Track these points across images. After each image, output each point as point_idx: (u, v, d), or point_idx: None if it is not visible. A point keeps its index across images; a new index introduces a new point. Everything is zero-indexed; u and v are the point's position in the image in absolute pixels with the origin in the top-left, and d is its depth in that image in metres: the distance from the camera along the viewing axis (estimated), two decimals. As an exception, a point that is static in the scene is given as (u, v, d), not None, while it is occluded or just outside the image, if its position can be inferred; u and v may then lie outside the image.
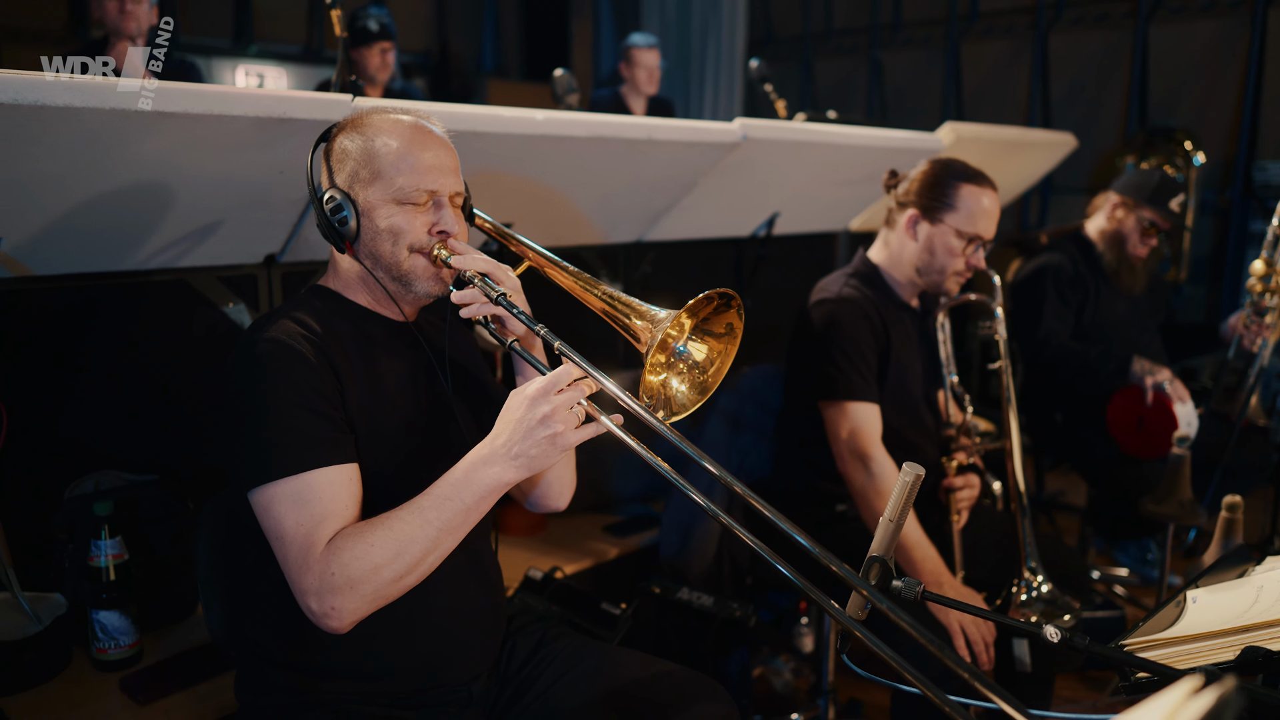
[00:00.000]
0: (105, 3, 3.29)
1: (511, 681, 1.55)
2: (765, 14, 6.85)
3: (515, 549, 2.43)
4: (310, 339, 1.35)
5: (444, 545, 1.29)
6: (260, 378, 1.31)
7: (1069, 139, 3.91)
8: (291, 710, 1.39)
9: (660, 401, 1.38)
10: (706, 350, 1.41)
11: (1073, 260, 3.12)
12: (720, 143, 2.50)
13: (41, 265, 1.84)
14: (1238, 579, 1.68)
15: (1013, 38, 5.66)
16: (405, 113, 1.45)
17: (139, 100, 1.50)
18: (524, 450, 1.25)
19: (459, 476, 1.28)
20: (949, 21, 5.84)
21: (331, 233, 1.40)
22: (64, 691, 1.77)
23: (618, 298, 1.39)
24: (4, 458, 1.81)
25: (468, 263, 1.38)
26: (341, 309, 1.46)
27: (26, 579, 1.84)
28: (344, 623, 1.25)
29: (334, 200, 1.38)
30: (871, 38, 6.24)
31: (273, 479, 1.27)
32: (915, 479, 1.23)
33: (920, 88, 6.11)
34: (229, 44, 6.28)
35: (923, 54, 6.07)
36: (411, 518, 1.27)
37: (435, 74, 7.28)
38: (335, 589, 1.23)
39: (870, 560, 1.28)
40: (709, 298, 1.33)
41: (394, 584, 1.26)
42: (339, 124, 1.45)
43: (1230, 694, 0.66)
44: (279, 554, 1.28)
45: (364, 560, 1.24)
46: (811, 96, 6.60)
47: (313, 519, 1.27)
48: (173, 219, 1.88)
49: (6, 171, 1.56)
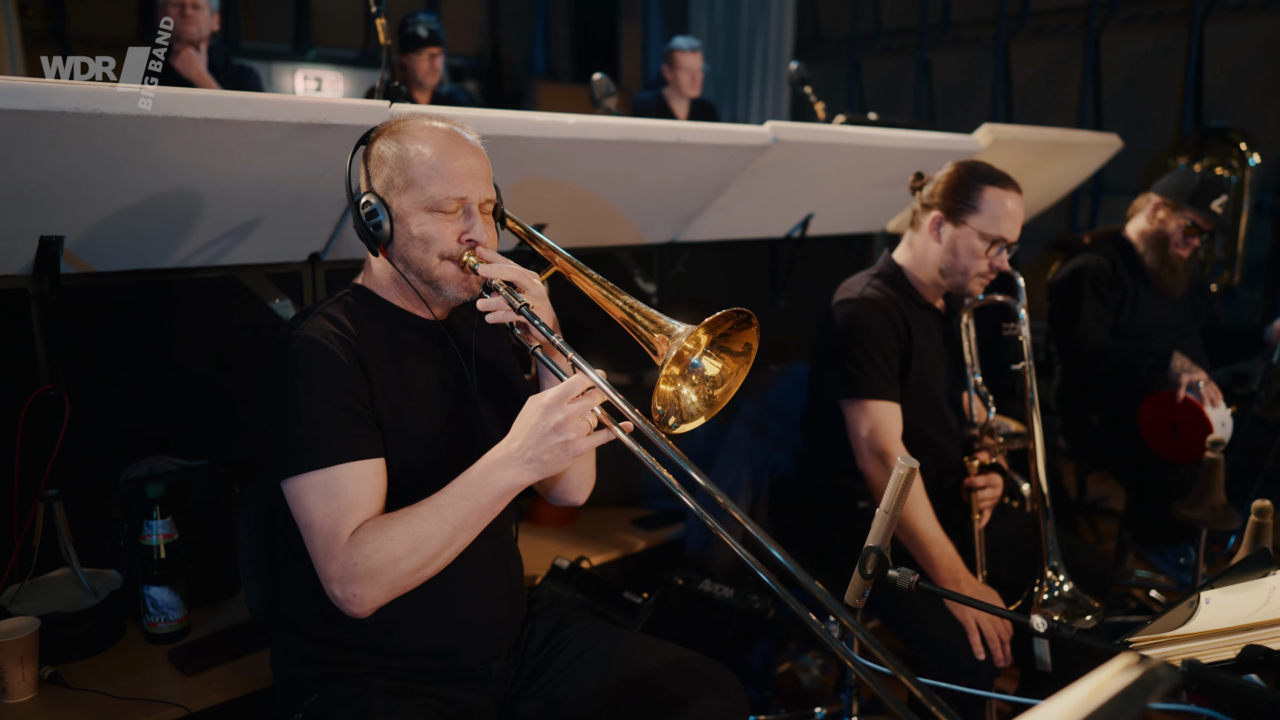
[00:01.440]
0: (168, 9, 3.44)
1: (530, 662, 1.63)
2: (813, 15, 6.85)
3: (546, 539, 2.51)
4: (342, 338, 1.42)
5: (459, 541, 1.36)
6: (294, 375, 1.39)
7: (1114, 140, 3.87)
8: (321, 681, 1.48)
9: (672, 409, 1.44)
10: (721, 367, 1.46)
11: (1111, 261, 3.10)
12: (751, 145, 2.55)
13: (101, 262, 1.96)
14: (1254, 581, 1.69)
15: (1064, 37, 5.60)
16: (440, 120, 1.51)
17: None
18: (537, 455, 1.31)
19: (475, 477, 1.35)
20: (998, 21, 5.79)
21: (366, 236, 1.47)
22: (117, 660, 1.89)
23: (638, 309, 1.43)
24: (66, 443, 1.94)
25: (494, 271, 1.44)
26: (375, 308, 1.53)
27: (85, 556, 1.97)
28: (365, 609, 1.34)
29: (369, 205, 1.45)
30: (920, 38, 6.22)
31: (303, 471, 1.35)
32: (910, 472, 1.28)
33: (969, 88, 6.06)
34: (289, 49, 6.48)
35: (972, 54, 6.02)
36: (430, 515, 1.34)
37: (487, 76, 7.42)
38: (357, 578, 1.32)
39: (867, 550, 1.33)
40: (726, 315, 1.37)
41: (411, 575, 1.34)
42: (377, 129, 1.51)
43: (1153, 671, 0.70)
44: (307, 541, 1.37)
45: (384, 553, 1.32)
46: (859, 98, 6.59)
47: (339, 510, 1.35)
48: (222, 219, 1.99)
49: (69, 176, 1.68)
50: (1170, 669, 0.76)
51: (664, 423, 1.44)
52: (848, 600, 1.37)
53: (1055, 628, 1.23)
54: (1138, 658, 0.75)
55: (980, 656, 1.95)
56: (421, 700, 1.47)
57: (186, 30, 3.42)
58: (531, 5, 7.74)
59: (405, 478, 1.45)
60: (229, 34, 6.21)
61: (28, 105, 1.49)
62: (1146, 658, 0.74)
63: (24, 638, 1.72)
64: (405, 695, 1.46)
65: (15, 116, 1.49)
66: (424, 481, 1.41)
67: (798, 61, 3.82)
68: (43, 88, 1.50)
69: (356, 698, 1.44)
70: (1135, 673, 0.71)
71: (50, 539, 1.92)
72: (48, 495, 1.90)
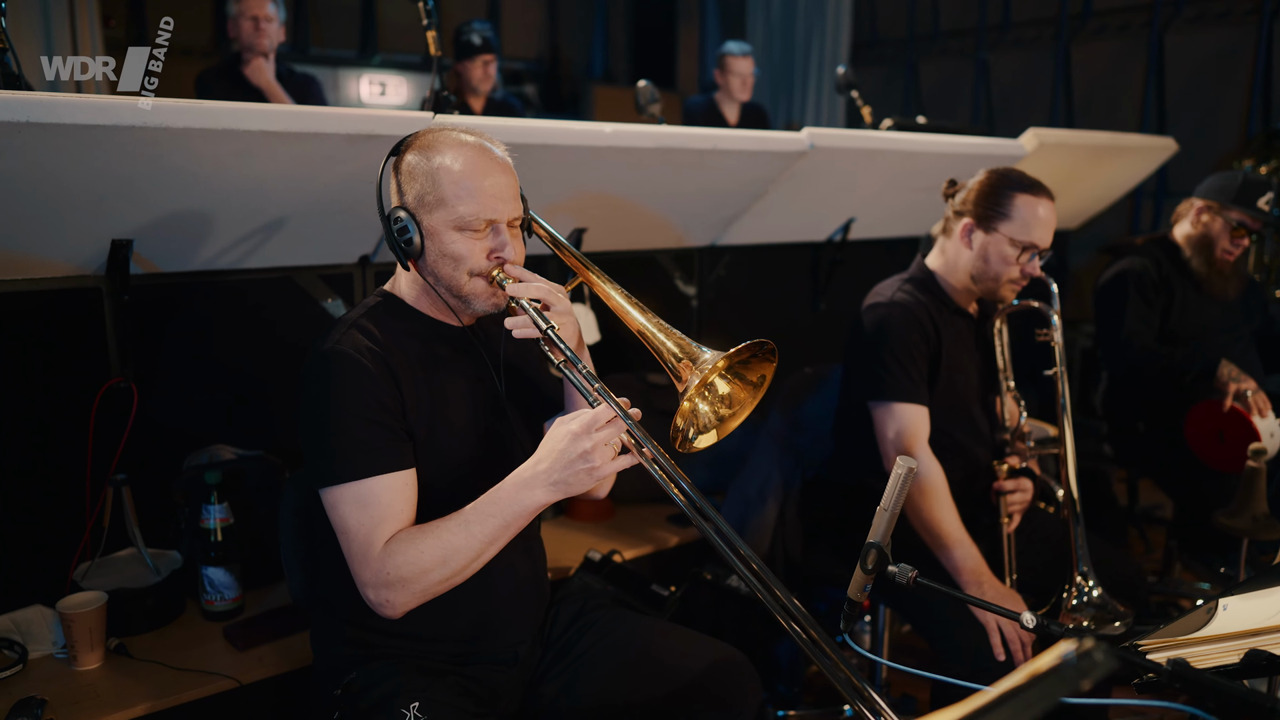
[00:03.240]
0: (241, 22, 3.60)
1: (554, 645, 1.71)
2: (870, 16, 6.83)
3: (583, 533, 2.59)
4: (374, 351, 1.49)
5: (486, 555, 1.43)
6: (329, 389, 1.46)
7: (1169, 143, 3.82)
8: (356, 661, 1.58)
9: (689, 422, 1.49)
10: (731, 391, 1.51)
11: (1157, 263, 3.08)
12: (787, 152, 2.60)
13: (167, 263, 2.10)
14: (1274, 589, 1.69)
15: (1126, 37, 5.50)
16: (470, 133, 1.55)
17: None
18: (563, 478, 1.38)
19: (503, 495, 1.41)
20: (1059, 21, 5.71)
21: (398, 250, 1.52)
22: (176, 634, 2.02)
23: (665, 330, 1.47)
24: (133, 431, 2.08)
25: (521, 290, 1.49)
26: (406, 318, 1.58)
27: (149, 537, 2.11)
28: (397, 612, 1.43)
29: (401, 221, 1.49)
30: (978, 39, 6.16)
31: (338, 483, 1.44)
32: (908, 471, 1.32)
33: (1028, 90, 5.99)
34: (355, 54, 6.69)
35: (1031, 55, 5.95)
36: (459, 529, 1.41)
37: (546, 80, 7.55)
38: (389, 584, 1.41)
39: (868, 546, 1.38)
40: (750, 346, 1.42)
41: (440, 584, 1.42)
42: (407, 141, 1.55)
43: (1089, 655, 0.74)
44: (343, 546, 1.45)
45: (414, 564, 1.40)
46: (915, 100, 6.55)
47: (372, 520, 1.43)
48: (276, 223, 2.11)
49: (138, 184, 1.81)
50: (1108, 654, 0.80)
51: (686, 436, 1.49)
52: (850, 594, 1.42)
53: (1044, 624, 1.27)
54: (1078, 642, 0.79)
55: (1000, 658, 1.98)
56: (451, 680, 1.56)
57: (259, 42, 3.58)
58: (590, 9, 7.86)
59: (437, 485, 1.52)
60: (298, 41, 6.44)
61: (102, 120, 1.61)
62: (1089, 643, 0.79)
63: (92, 610, 1.86)
64: (436, 675, 1.55)
65: (91, 131, 1.62)
66: (455, 488, 1.48)
67: (845, 65, 3.84)
68: (114, 104, 1.63)
69: (391, 676, 1.53)
70: (1071, 655, 0.75)
71: (118, 521, 2.07)
72: (116, 480, 2.05)
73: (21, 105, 1.55)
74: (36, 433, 2.05)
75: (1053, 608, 2.22)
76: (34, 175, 1.68)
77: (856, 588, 1.42)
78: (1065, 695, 0.75)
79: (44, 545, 2.06)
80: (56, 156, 1.65)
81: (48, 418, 2.05)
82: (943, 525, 2.08)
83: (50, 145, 1.62)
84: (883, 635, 2.48)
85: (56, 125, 1.58)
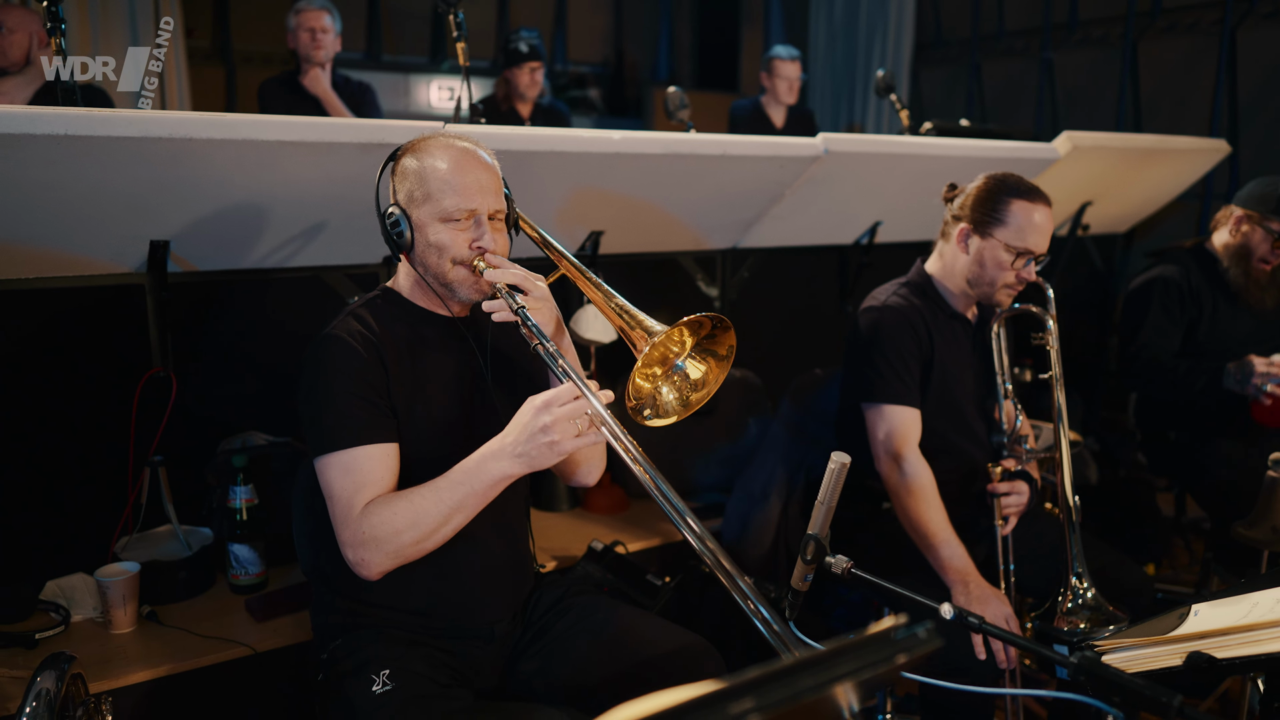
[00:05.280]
0: (299, 34, 3.82)
1: (533, 626, 1.82)
2: (934, 16, 6.75)
3: (595, 525, 2.69)
4: (365, 336, 1.63)
5: (455, 520, 1.54)
6: (322, 369, 1.61)
7: (1220, 145, 3.72)
8: (344, 629, 1.71)
9: (648, 402, 1.60)
10: (704, 370, 1.61)
11: (1187, 273, 3.02)
12: (800, 156, 2.65)
13: (203, 263, 2.28)
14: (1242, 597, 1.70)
15: (1197, 34, 5.34)
16: (460, 139, 1.69)
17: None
18: (526, 451, 1.48)
19: (471, 465, 1.53)
20: (1127, 19, 5.57)
21: (391, 243, 1.67)
22: (204, 605, 2.20)
23: (625, 309, 1.59)
24: (172, 418, 2.27)
25: (498, 275, 1.61)
26: (400, 308, 1.73)
27: (183, 515, 2.30)
28: (371, 572, 1.55)
29: (393, 216, 1.64)
30: (1044, 38, 6.04)
31: (328, 451, 1.58)
32: (841, 467, 1.39)
33: (1094, 90, 5.85)
34: (426, 61, 6.93)
35: (1098, 54, 5.81)
36: (430, 495, 1.53)
37: (611, 83, 7.68)
38: (364, 544, 1.53)
39: (807, 538, 1.44)
40: (699, 320, 1.53)
41: (412, 546, 1.54)
42: (404, 146, 1.69)
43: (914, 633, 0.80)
44: (330, 510, 1.59)
45: (386, 525, 1.53)
46: (979, 101, 6.46)
47: (354, 485, 1.56)
48: (302, 226, 2.27)
49: (173, 189, 1.98)
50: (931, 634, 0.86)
51: (639, 413, 1.59)
52: (794, 584, 1.48)
53: (961, 615, 1.32)
54: (907, 618, 0.85)
55: (981, 657, 2.00)
56: (428, 650, 1.68)
57: (316, 53, 3.80)
58: (656, 13, 7.96)
59: (420, 460, 1.64)
60: (371, 48, 6.72)
61: (132, 133, 1.79)
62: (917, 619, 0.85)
63: (125, 580, 2.04)
64: (415, 645, 1.68)
65: (123, 142, 1.79)
66: (436, 462, 1.59)
67: (883, 69, 3.86)
68: (144, 117, 1.80)
69: (371, 644, 1.66)
70: (899, 630, 0.82)
71: (156, 499, 2.26)
72: (153, 461, 2.24)
73: (60, 119, 1.72)
74: (83, 417, 2.24)
75: (1048, 610, 2.23)
76: (76, 182, 1.86)
77: (798, 577, 1.48)
78: (877, 664, 0.81)
79: (89, 519, 2.25)
80: (95, 166, 1.83)
81: (94, 403, 2.25)
82: (929, 525, 2.12)
83: (88, 155, 1.80)
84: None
85: (92, 138, 1.76)
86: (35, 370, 2.18)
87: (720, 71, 7.85)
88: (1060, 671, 1.32)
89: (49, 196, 1.87)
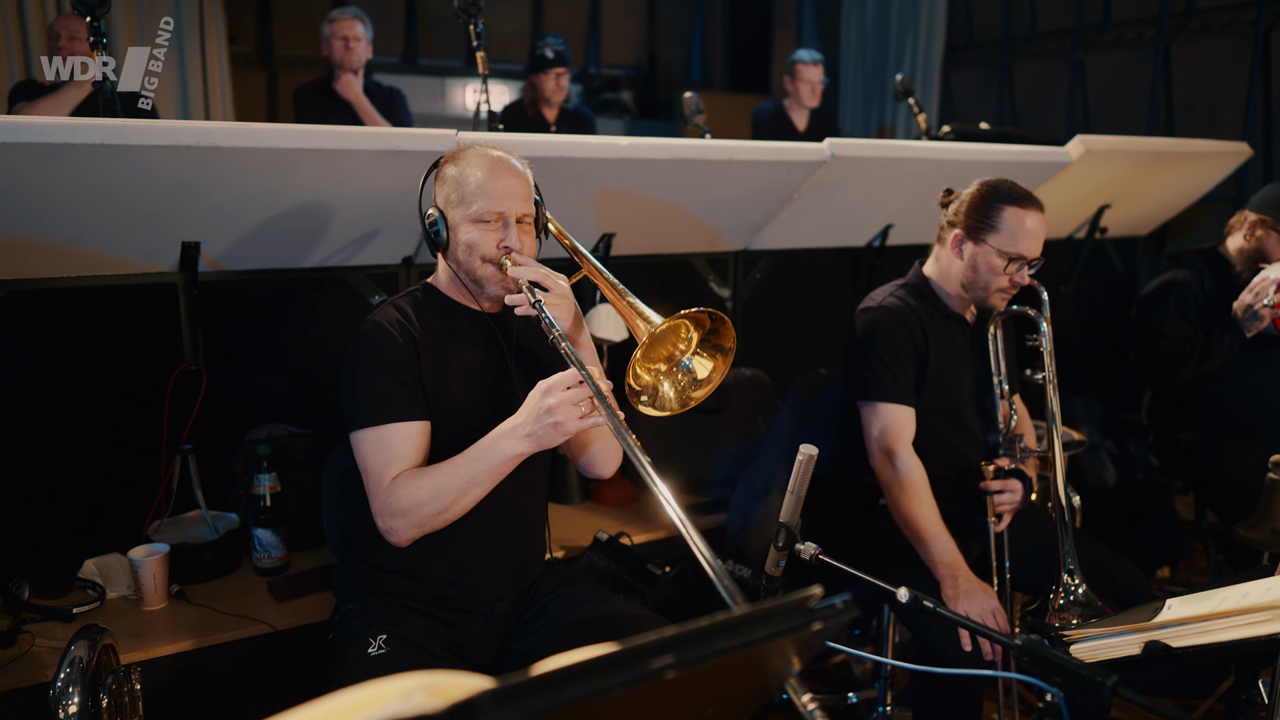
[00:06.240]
0: (333, 42, 3.97)
1: (530, 609, 1.92)
2: (966, 18, 6.75)
3: (605, 516, 2.79)
4: (402, 324, 1.78)
5: (473, 494, 1.67)
6: (362, 352, 1.76)
7: (1242, 148, 3.71)
8: (359, 594, 1.85)
9: (648, 392, 1.69)
10: (711, 367, 1.70)
11: (1200, 278, 3.03)
12: (807, 161, 2.72)
13: (233, 264, 2.42)
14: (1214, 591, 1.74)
15: (1231, 35, 5.29)
16: (495, 148, 1.84)
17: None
18: (533, 431, 1.61)
19: (486, 444, 1.66)
20: (1160, 20, 5.53)
21: (430, 243, 1.83)
22: (229, 586, 2.33)
23: (634, 305, 1.70)
24: (202, 409, 2.40)
25: (521, 273, 1.73)
26: (436, 302, 1.87)
27: (211, 500, 2.43)
28: (400, 539, 1.70)
29: (432, 218, 1.80)
30: (1075, 39, 6.02)
31: (362, 426, 1.73)
32: (808, 459, 1.47)
33: (1126, 92, 5.82)
34: (462, 65, 7.08)
35: (1130, 55, 5.77)
36: (449, 470, 1.67)
37: (644, 86, 7.77)
38: (392, 514, 1.68)
39: (779, 526, 1.52)
40: (698, 317, 1.63)
41: (434, 517, 1.68)
42: (448, 155, 1.85)
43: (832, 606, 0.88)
44: (364, 481, 1.74)
45: (411, 497, 1.67)
46: (1010, 103, 6.45)
47: (385, 459, 1.71)
48: (327, 229, 2.39)
49: (204, 194, 2.11)
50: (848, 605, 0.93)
51: (636, 397, 1.69)
52: (767, 569, 1.56)
53: (915, 599, 1.39)
54: (821, 593, 0.93)
55: (967, 648, 2.06)
56: (429, 621, 1.80)
57: (349, 60, 3.95)
58: (690, 17, 8.04)
59: (446, 440, 1.78)
60: (409, 52, 6.89)
61: (161, 141, 1.92)
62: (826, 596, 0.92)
63: (155, 559, 2.18)
64: (417, 614, 1.81)
65: (154, 151, 1.92)
66: (461, 444, 1.72)
67: (902, 73, 3.90)
68: (173, 127, 1.93)
69: (377, 610, 1.79)
70: (811, 597, 0.89)
71: (186, 485, 2.40)
72: (184, 450, 2.37)
73: (96, 130, 1.86)
74: (119, 407, 2.39)
75: (1040, 606, 2.28)
76: (112, 187, 2.00)
77: (771, 563, 1.56)
78: (793, 630, 0.89)
79: (125, 503, 2.39)
80: (129, 172, 1.97)
81: (129, 394, 2.39)
82: (920, 520, 2.18)
83: (123, 163, 1.93)
84: (887, 636, 2.57)
85: (124, 146, 1.89)
86: (76, 363, 2.33)
87: (752, 74, 7.91)
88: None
89: (89, 200, 2.01)
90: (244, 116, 5.89)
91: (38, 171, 1.88)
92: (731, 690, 0.98)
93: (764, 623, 0.89)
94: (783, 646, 0.92)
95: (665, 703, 0.89)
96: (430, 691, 0.71)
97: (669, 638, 0.82)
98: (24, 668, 1.94)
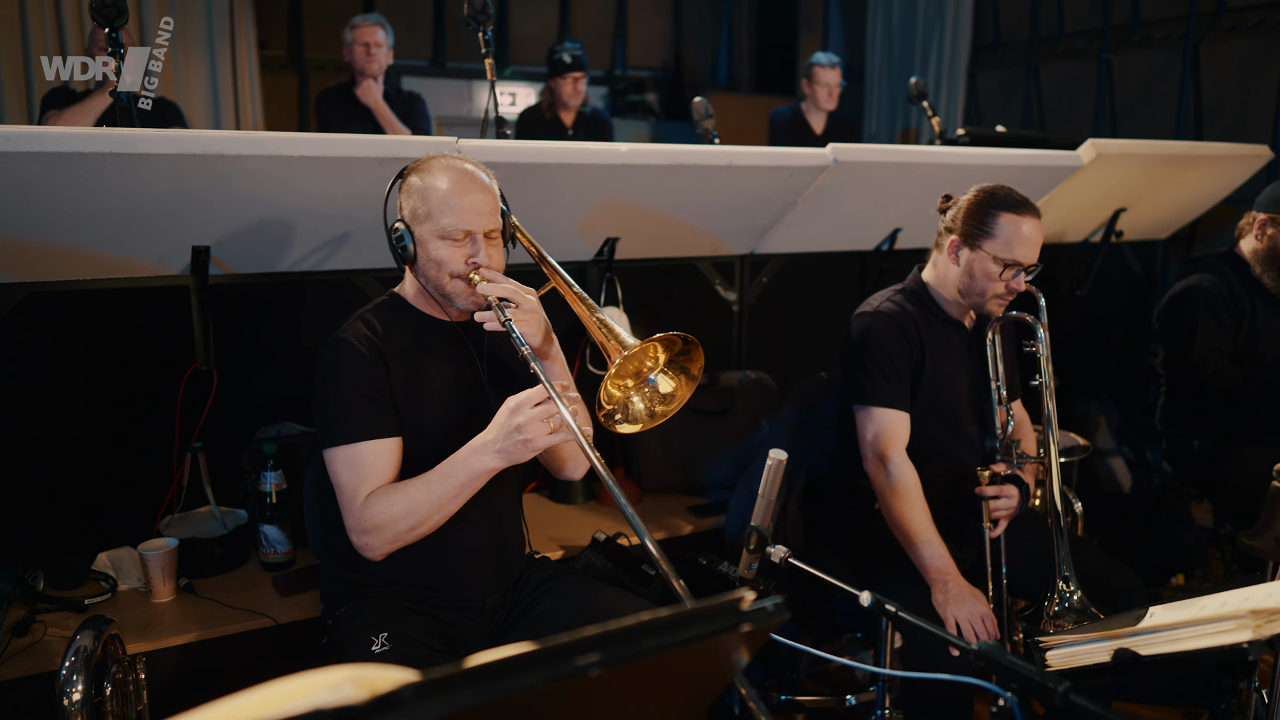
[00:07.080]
0: (354, 48, 4.05)
1: (521, 603, 1.96)
2: (993, 18, 6.69)
3: (605, 517, 2.82)
4: (371, 340, 1.81)
5: (446, 509, 1.72)
6: (331, 369, 1.79)
7: (1262, 151, 3.66)
8: (349, 598, 1.89)
9: (619, 408, 1.73)
10: (674, 386, 1.73)
11: (1226, 281, 3.01)
12: (810, 166, 2.74)
13: (241, 266, 2.48)
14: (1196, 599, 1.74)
15: (1261, 35, 5.20)
16: (463, 160, 1.84)
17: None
18: (503, 447, 1.65)
19: (458, 460, 1.70)
20: (1189, 20, 5.45)
21: (395, 256, 1.85)
22: (236, 580, 2.40)
23: (604, 323, 1.73)
24: (213, 408, 2.48)
25: (490, 289, 1.76)
26: (404, 314, 1.90)
27: (221, 497, 2.50)
28: (375, 555, 1.74)
29: (398, 231, 1.82)
30: (1103, 39, 5.95)
31: (335, 445, 1.76)
32: (778, 464, 1.49)
33: (1154, 93, 5.74)
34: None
35: (1159, 55, 5.70)
36: (423, 487, 1.71)
37: (670, 88, 7.80)
38: (366, 530, 1.72)
39: (750, 529, 1.55)
40: (670, 339, 1.67)
41: (408, 532, 1.72)
42: (411, 165, 1.85)
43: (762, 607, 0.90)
44: (337, 498, 1.78)
45: (385, 514, 1.71)
46: (1036, 104, 6.39)
47: (358, 477, 1.74)
48: (336, 233, 2.45)
49: (212, 200, 2.17)
50: (779, 608, 0.95)
51: (610, 419, 1.72)
52: (740, 572, 1.59)
53: (879, 602, 1.41)
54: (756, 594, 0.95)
55: (955, 653, 2.07)
56: (423, 619, 1.84)
57: (369, 66, 4.02)
58: (716, 18, 8.05)
59: (419, 454, 1.80)
60: (437, 55, 6.98)
61: (170, 150, 1.98)
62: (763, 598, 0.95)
63: (164, 553, 2.25)
64: (411, 614, 1.84)
65: (162, 159, 1.99)
66: (433, 457, 1.75)
67: (917, 76, 3.89)
68: (180, 136, 2.00)
69: (372, 612, 1.83)
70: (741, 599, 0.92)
71: (196, 482, 2.47)
72: (194, 447, 2.45)
73: (106, 139, 1.93)
74: (132, 406, 2.46)
75: (1035, 612, 2.28)
76: (123, 194, 2.07)
77: (744, 565, 1.59)
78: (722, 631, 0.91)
79: (138, 499, 2.47)
80: (138, 179, 2.04)
81: (142, 394, 2.47)
82: (912, 525, 2.19)
83: (134, 170, 2.00)
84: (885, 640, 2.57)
85: (133, 155, 1.96)
86: (90, 363, 2.41)
87: (778, 75, 7.90)
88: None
89: (102, 206, 2.09)
90: (274, 120, 6.00)
91: (52, 179, 1.96)
92: (670, 689, 1.00)
93: (693, 624, 0.92)
94: (716, 647, 0.95)
95: (599, 701, 0.92)
96: (357, 684, 0.75)
97: (594, 636, 0.85)
98: (36, 656, 2.01)
